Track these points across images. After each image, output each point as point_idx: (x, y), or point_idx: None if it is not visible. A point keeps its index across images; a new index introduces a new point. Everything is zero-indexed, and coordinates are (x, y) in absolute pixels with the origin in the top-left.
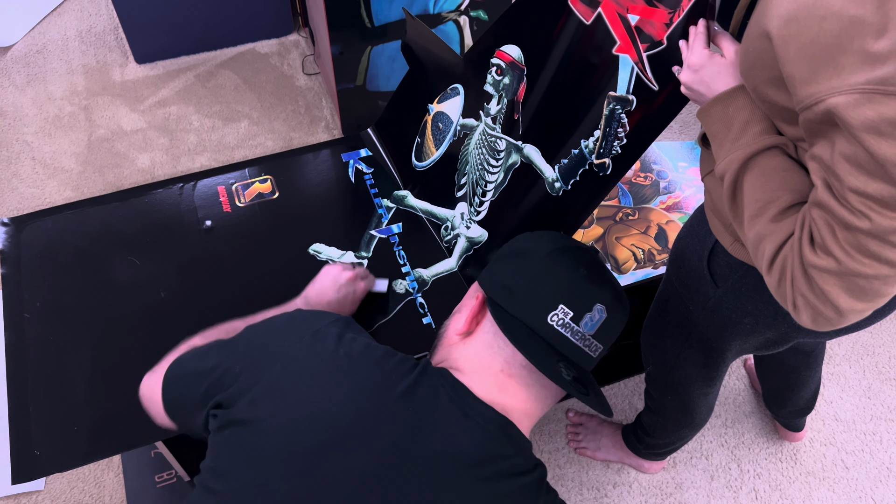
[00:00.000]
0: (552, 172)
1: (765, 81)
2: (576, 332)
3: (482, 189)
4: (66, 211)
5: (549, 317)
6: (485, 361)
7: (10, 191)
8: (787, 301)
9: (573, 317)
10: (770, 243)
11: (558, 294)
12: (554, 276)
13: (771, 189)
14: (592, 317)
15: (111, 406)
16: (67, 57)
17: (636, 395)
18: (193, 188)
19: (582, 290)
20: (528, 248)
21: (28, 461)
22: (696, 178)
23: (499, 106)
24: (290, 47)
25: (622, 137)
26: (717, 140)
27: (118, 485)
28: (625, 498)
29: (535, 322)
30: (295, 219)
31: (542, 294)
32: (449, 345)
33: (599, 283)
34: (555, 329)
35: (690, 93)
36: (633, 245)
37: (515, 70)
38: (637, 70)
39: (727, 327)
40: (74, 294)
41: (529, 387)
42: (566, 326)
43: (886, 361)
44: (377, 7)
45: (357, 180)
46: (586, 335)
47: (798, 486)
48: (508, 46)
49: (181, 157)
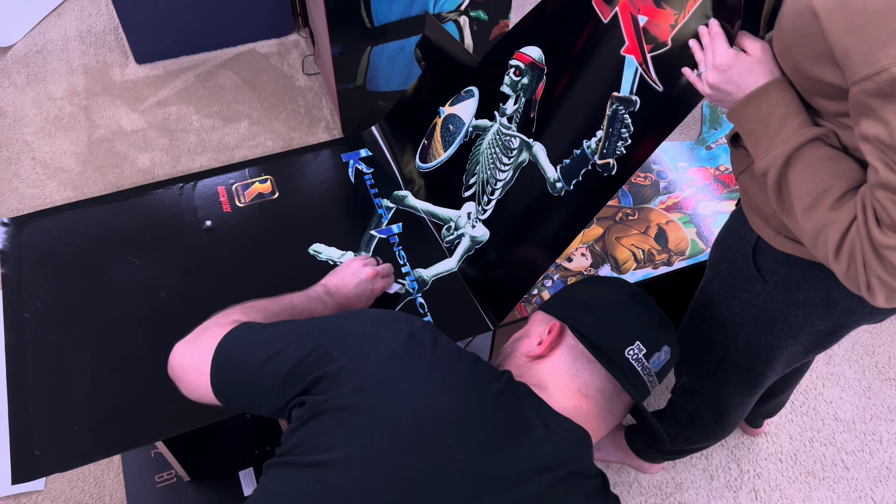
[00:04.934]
0: (554, 172)
1: (809, 58)
2: (645, 368)
3: (491, 187)
4: (66, 211)
5: (626, 350)
6: (563, 381)
7: (10, 191)
8: (859, 285)
9: (646, 353)
10: (833, 231)
11: (636, 332)
12: (633, 316)
13: (822, 179)
14: (660, 356)
15: (111, 406)
16: (67, 57)
17: None
18: (193, 188)
19: (656, 332)
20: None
21: (28, 461)
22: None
23: (516, 105)
24: (290, 47)
25: (626, 138)
26: (754, 138)
27: (118, 485)
28: (625, 498)
29: (613, 353)
30: (295, 219)
31: (622, 329)
32: (518, 364)
33: (668, 328)
34: (629, 362)
35: (717, 93)
36: (632, 245)
37: (535, 70)
38: (641, 71)
39: (777, 323)
40: (74, 294)
41: (601, 409)
42: (639, 361)
43: (886, 361)
44: (377, 7)
45: (357, 180)
46: (652, 371)
47: (798, 486)
48: (529, 48)
49: (181, 157)
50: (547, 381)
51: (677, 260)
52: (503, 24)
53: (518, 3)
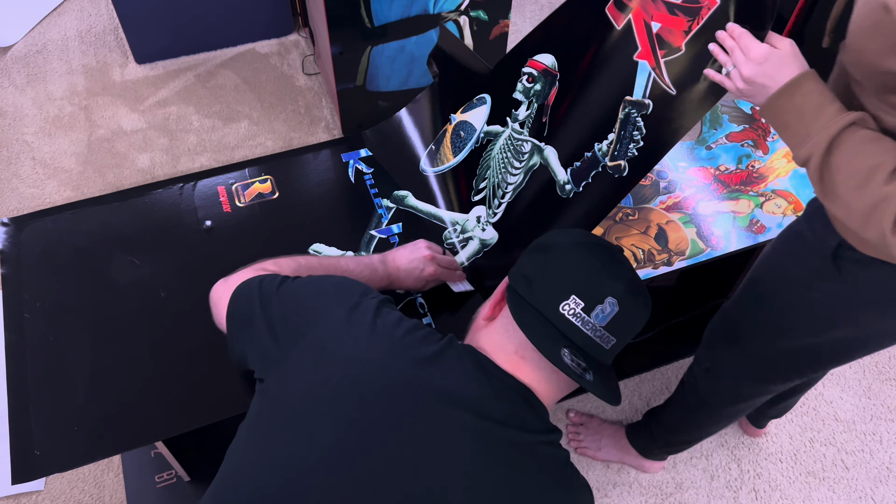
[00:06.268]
0: (564, 175)
1: (883, 53)
2: (587, 323)
3: (502, 191)
4: (66, 211)
5: (560, 306)
6: (501, 342)
7: (10, 191)
8: None
9: (584, 307)
10: (891, 204)
11: (571, 285)
12: (570, 269)
13: (869, 158)
14: (604, 309)
15: (111, 406)
16: (67, 57)
17: (636, 395)
18: (193, 188)
19: (595, 283)
20: (553, 241)
21: (28, 461)
22: (696, 178)
23: (528, 111)
24: (290, 47)
25: (639, 140)
26: (790, 129)
27: (118, 485)
28: (625, 498)
29: (547, 311)
30: (295, 219)
31: (556, 285)
32: (476, 329)
33: (613, 278)
34: (566, 318)
35: (751, 87)
36: (632, 245)
37: (548, 76)
38: (654, 75)
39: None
40: (74, 294)
41: (541, 369)
42: (577, 317)
43: (886, 361)
44: (377, 7)
45: (357, 180)
46: (598, 326)
47: (798, 486)
48: (542, 56)
49: (181, 157)
50: (488, 344)
51: (677, 260)
52: (503, 24)
53: (518, 3)
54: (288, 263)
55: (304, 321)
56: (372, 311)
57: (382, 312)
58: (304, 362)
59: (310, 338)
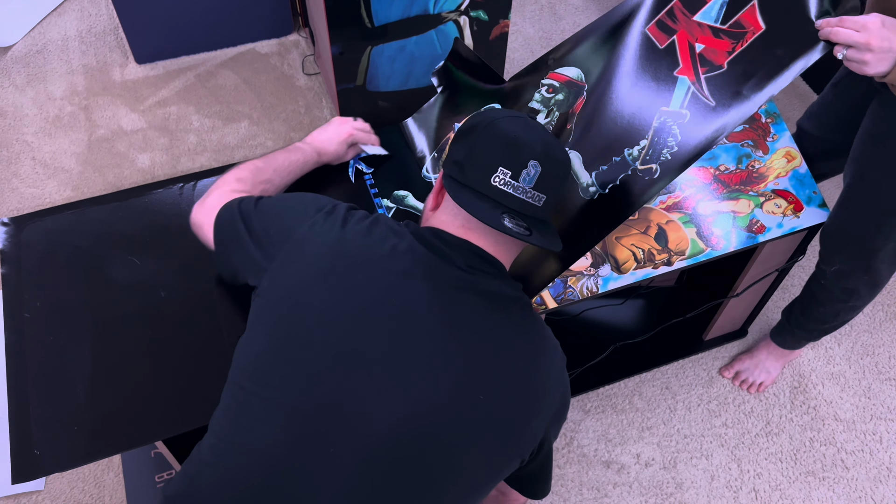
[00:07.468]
0: (587, 177)
1: None
2: (517, 188)
3: None
4: (66, 211)
5: (491, 179)
6: (449, 221)
7: (10, 191)
8: None
9: (512, 175)
10: None
11: (497, 159)
12: (492, 145)
13: None
14: (528, 172)
15: (111, 406)
16: (67, 57)
17: (636, 395)
18: (193, 188)
19: (516, 152)
20: (472, 124)
21: (28, 461)
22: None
23: (547, 119)
24: (290, 47)
25: (672, 146)
26: None
27: (118, 485)
28: (625, 498)
29: (481, 186)
30: None
31: (483, 162)
32: (425, 220)
33: (531, 143)
34: (498, 188)
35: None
36: (632, 245)
37: (572, 87)
38: (694, 89)
39: None
40: (74, 294)
41: (488, 235)
42: (508, 184)
43: (886, 361)
44: (377, 7)
45: (357, 180)
46: (527, 189)
47: (798, 486)
48: (565, 69)
49: (181, 157)
50: (439, 226)
51: (677, 260)
52: (503, 24)
53: (518, 3)
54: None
55: (286, 227)
56: (343, 210)
57: (352, 212)
58: (290, 256)
59: (292, 241)
